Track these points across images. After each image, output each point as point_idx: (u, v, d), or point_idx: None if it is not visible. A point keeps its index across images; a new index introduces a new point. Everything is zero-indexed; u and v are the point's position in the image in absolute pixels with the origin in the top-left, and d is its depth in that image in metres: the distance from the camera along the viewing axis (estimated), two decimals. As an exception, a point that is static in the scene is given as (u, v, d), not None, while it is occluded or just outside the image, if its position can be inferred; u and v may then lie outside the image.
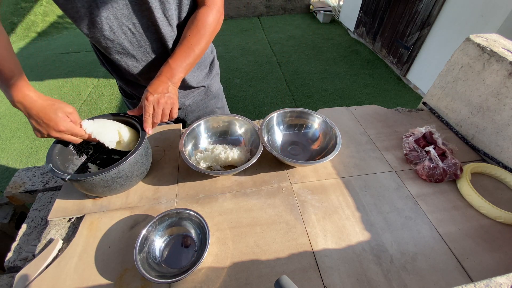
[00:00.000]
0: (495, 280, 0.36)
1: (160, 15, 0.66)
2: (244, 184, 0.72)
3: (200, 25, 0.68)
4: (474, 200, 0.68)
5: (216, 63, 0.95)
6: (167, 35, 0.70)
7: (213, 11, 0.70)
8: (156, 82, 0.65)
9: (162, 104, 0.64)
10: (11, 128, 2.52)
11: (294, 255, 0.58)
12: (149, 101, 0.63)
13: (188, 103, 0.93)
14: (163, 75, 0.66)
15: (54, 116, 0.57)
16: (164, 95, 0.64)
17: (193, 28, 0.68)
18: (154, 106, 0.64)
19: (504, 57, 0.75)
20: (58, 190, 0.79)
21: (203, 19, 0.69)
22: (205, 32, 0.69)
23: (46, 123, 0.57)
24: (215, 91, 0.99)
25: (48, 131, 0.58)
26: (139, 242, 0.55)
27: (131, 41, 0.68)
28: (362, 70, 3.45)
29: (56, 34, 4.37)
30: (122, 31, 0.66)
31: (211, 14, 0.69)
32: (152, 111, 0.64)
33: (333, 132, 0.78)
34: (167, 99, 0.65)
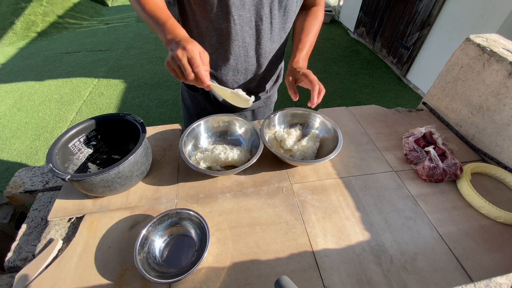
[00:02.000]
0: (495, 280, 0.36)
1: (267, 11, 0.70)
2: (244, 184, 0.72)
3: (316, 20, 0.81)
4: (474, 200, 0.68)
5: (282, 75, 0.98)
6: (264, 34, 0.74)
7: (322, 9, 0.84)
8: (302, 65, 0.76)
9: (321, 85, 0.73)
10: (11, 128, 2.52)
11: (294, 255, 0.58)
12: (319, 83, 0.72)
13: (249, 107, 0.95)
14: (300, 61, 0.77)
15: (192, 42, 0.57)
16: None
17: (311, 21, 0.81)
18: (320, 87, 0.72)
19: (504, 57, 0.75)
20: (58, 190, 0.79)
21: (317, 15, 0.82)
22: (319, 26, 0.83)
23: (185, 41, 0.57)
24: (273, 101, 1.04)
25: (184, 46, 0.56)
26: (139, 242, 0.55)
27: (230, 31, 0.71)
28: (362, 70, 3.45)
29: (56, 34, 4.37)
30: (228, 19, 0.69)
31: (321, 11, 0.84)
32: None
33: (334, 132, 0.78)
34: None
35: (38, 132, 2.48)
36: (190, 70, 0.56)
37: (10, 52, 3.76)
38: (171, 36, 0.58)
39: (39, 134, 2.47)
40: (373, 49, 3.83)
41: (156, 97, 2.92)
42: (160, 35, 0.61)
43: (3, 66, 3.43)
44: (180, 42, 0.56)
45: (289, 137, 0.81)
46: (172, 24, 0.61)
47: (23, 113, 2.69)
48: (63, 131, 2.41)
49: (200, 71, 0.56)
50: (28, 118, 2.63)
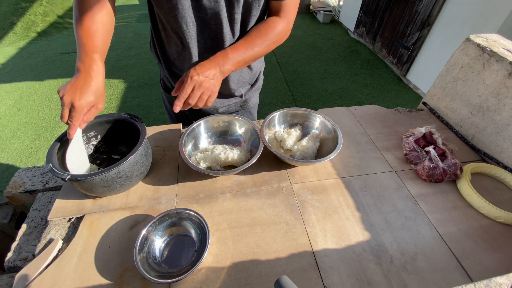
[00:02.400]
0: (495, 280, 0.36)
1: (225, 15, 0.67)
2: (244, 184, 0.72)
3: (268, 30, 0.70)
4: (474, 200, 0.68)
5: (261, 78, 0.96)
6: (226, 37, 0.71)
7: (284, 22, 0.71)
8: (207, 64, 0.64)
9: (203, 88, 0.63)
10: (11, 128, 2.52)
11: (294, 255, 0.58)
12: (193, 81, 0.62)
13: (221, 110, 0.92)
14: (216, 60, 0.65)
15: (86, 95, 0.57)
16: (209, 80, 0.63)
17: (261, 29, 0.70)
18: (195, 87, 0.62)
19: (504, 57, 0.75)
20: (58, 190, 0.79)
21: (274, 26, 0.70)
22: (270, 38, 0.70)
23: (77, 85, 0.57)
24: (251, 105, 0.99)
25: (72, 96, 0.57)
26: (139, 242, 0.55)
27: (190, 33, 0.69)
28: (362, 70, 3.45)
29: (56, 34, 4.37)
30: (185, 22, 0.66)
31: (281, 23, 0.71)
32: (190, 91, 0.62)
33: (334, 132, 0.78)
34: (209, 84, 0.63)
35: (38, 132, 2.48)
36: (65, 118, 0.58)
37: (10, 52, 3.76)
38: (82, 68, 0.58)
39: (39, 134, 2.47)
40: (373, 49, 3.83)
41: (156, 97, 2.92)
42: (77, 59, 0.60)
43: (3, 66, 3.43)
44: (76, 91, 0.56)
45: (289, 137, 0.81)
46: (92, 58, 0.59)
47: (23, 113, 2.69)
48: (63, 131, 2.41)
49: (71, 126, 0.58)
50: (28, 118, 2.63)
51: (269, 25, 0.70)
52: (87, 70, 0.58)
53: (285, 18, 0.71)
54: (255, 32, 0.69)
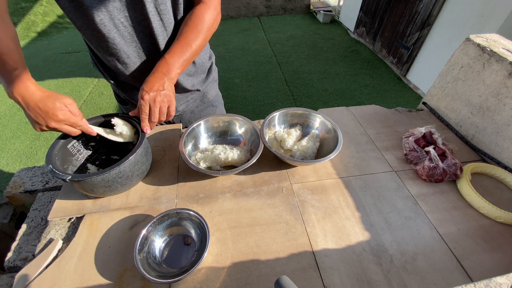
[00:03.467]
0: (495, 280, 0.36)
1: (152, 8, 0.65)
2: (244, 184, 0.72)
3: (197, 21, 0.68)
4: (474, 200, 0.68)
5: (214, 69, 0.94)
6: (158, 30, 0.69)
7: (210, 8, 0.69)
8: (152, 79, 0.63)
9: (158, 102, 0.63)
10: (11, 128, 2.52)
11: (294, 255, 0.58)
12: (145, 100, 0.62)
13: (181, 108, 0.91)
14: (159, 71, 0.64)
15: (52, 106, 0.56)
16: (160, 93, 0.63)
17: (190, 24, 0.68)
18: (151, 105, 0.63)
19: (504, 57, 0.75)
20: (58, 190, 0.79)
21: (200, 16, 0.68)
22: (202, 28, 0.68)
23: (44, 112, 0.56)
24: (212, 98, 0.97)
25: (46, 122, 0.56)
26: (139, 242, 0.55)
27: (122, 35, 0.67)
28: (362, 70, 3.45)
29: (56, 34, 4.37)
30: (114, 24, 0.64)
31: (208, 11, 0.69)
32: (148, 110, 0.63)
33: (334, 132, 0.78)
34: (163, 96, 0.63)
35: (38, 132, 2.48)
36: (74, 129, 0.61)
37: (10, 52, 3.76)
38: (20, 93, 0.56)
39: (39, 134, 2.47)
40: (373, 49, 3.83)
41: (156, 97, 2.92)
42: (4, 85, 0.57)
43: (3, 66, 3.42)
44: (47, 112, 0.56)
45: (289, 137, 0.81)
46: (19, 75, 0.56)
47: (23, 113, 2.68)
48: (63, 131, 2.41)
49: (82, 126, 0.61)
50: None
51: (196, 16, 0.68)
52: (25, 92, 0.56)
53: (210, 3, 0.69)
54: (186, 28, 0.68)
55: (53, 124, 0.57)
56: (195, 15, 0.68)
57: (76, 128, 0.61)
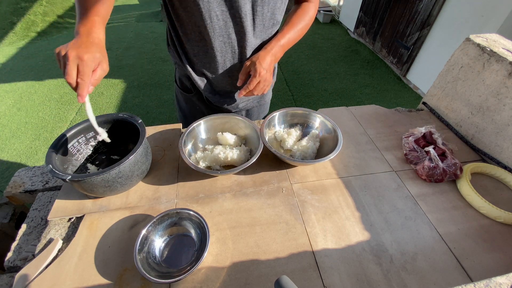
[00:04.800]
0: (495, 280, 0.36)
1: (249, 8, 0.69)
2: (244, 184, 0.72)
3: (304, 13, 0.79)
4: (474, 200, 0.68)
5: (276, 73, 0.97)
6: (247, 29, 0.73)
7: (313, 6, 0.80)
8: (266, 55, 0.72)
9: (267, 81, 0.72)
10: (11, 128, 2.52)
11: (294, 255, 0.58)
12: (261, 76, 0.70)
13: (241, 106, 0.94)
14: (273, 50, 0.73)
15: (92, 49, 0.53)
16: (272, 73, 0.73)
17: (299, 13, 0.78)
18: (261, 81, 0.71)
19: (504, 57, 0.75)
20: (58, 190, 0.79)
21: (307, 10, 0.79)
22: (306, 20, 0.79)
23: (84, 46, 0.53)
24: (267, 99, 1.01)
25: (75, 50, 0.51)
26: (139, 242, 0.55)
27: (213, 27, 0.70)
28: (362, 70, 3.45)
29: (56, 34, 4.37)
30: (209, 16, 0.68)
31: (313, 8, 0.80)
32: (257, 83, 0.71)
33: (334, 132, 0.78)
34: (271, 78, 0.73)
35: (38, 132, 2.48)
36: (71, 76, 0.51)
37: (10, 52, 3.76)
38: (83, 29, 0.56)
39: (39, 134, 2.47)
40: (373, 49, 3.83)
41: (156, 97, 2.92)
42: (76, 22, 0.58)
43: (3, 66, 3.43)
44: (82, 46, 0.52)
45: (289, 137, 0.81)
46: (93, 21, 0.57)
47: (23, 113, 2.69)
48: (63, 131, 2.41)
49: (81, 83, 0.52)
50: (28, 118, 2.63)
51: (304, 10, 0.79)
52: (89, 31, 0.56)
53: (313, 2, 0.80)
54: (295, 17, 0.77)
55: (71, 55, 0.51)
56: (304, 9, 0.79)
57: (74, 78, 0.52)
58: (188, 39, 0.76)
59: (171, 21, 0.76)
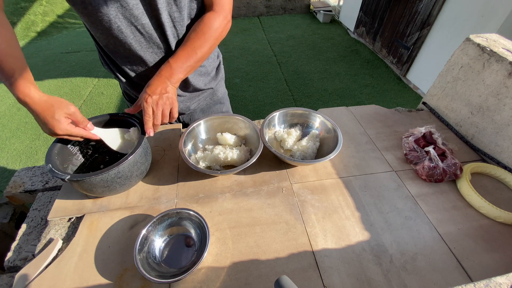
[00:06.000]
0: (495, 280, 0.36)
1: (166, 16, 0.66)
2: (244, 184, 0.72)
3: (205, 28, 0.68)
4: (474, 200, 0.68)
5: (222, 68, 0.95)
6: (171, 37, 0.70)
7: (220, 16, 0.69)
8: (155, 82, 0.64)
9: (160, 105, 0.63)
10: (10, 128, 2.52)
11: (294, 255, 0.58)
12: (148, 103, 0.62)
13: (193, 107, 0.92)
14: (162, 75, 0.65)
15: (51, 120, 0.56)
16: (163, 96, 0.63)
17: (198, 31, 0.68)
18: (153, 108, 0.63)
19: (504, 57, 0.75)
20: (57, 190, 0.79)
21: (209, 23, 0.68)
22: (210, 36, 0.68)
23: (45, 124, 0.57)
24: (221, 96, 0.99)
25: (49, 131, 0.58)
26: (139, 242, 0.55)
27: (139, 41, 0.68)
28: (362, 70, 3.45)
29: (56, 34, 4.37)
30: (131, 31, 0.65)
31: (218, 19, 0.69)
32: (151, 112, 0.63)
33: (334, 132, 0.78)
34: (166, 99, 0.64)
35: (38, 132, 2.48)
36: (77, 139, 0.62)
37: (10, 51, 3.75)
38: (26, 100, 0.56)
39: (38, 134, 2.47)
40: (373, 49, 3.83)
41: (156, 97, 2.92)
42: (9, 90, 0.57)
43: (3, 66, 3.42)
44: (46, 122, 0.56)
45: (289, 137, 0.81)
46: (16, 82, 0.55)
47: (23, 113, 2.69)
48: (63, 131, 2.41)
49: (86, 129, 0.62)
50: (28, 118, 2.63)
51: (205, 23, 0.68)
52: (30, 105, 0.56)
53: (220, 11, 0.69)
54: (193, 34, 0.68)
55: (57, 134, 0.58)
56: (204, 22, 0.68)
57: (77, 137, 0.62)
58: (116, 56, 0.73)
59: (96, 42, 0.73)
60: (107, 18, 0.61)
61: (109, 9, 0.60)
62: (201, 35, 0.68)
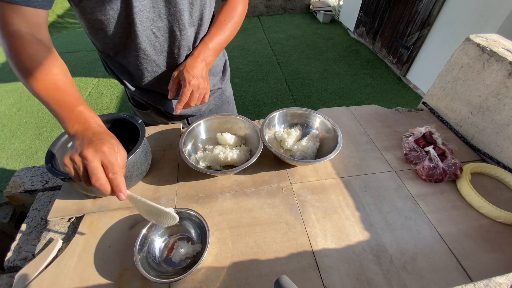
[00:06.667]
0: (495, 280, 0.36)
1: (188, 17, 0.66)
2: (244, 184, 0.72)
3: (233, 11, 0.73)
4: (474, 200, 0.68)
5: (228, 67, 0.95)
6: (189, 38, 0.70)
7: (243, 1, 0.76)
8: (195, 63, 0.66)
9: (201, 89, 0.66)
10: (10, 128, 2.52)
11: (293, 255, 0.58)
12: (191, 85, 0.64)
13: (204, 109, 0.91)
14: (201, 55, 0.67)
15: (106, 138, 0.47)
16: (204, 80, 0.66)
17: (227, 13, 0.73)
18: (194, 90, 0.65)
19: (504, 57, 0.75)
20: (57, 189, 0.79)
21: (236, 7, 0.74)
22: (236, 18, 0.74)
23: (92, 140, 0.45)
24: (228, 95, 0.99)
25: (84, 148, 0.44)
26: (139, 241, 0.55)
27: (153, 45, 0.67)
28: (362, 70, 3.45)
29: (56, 34, 4.36)
30: (146, 35, 0.64)
31: (241, 3, 0.75)
32: (190, 94, 0.65)
33: (334, 132, 0.78)
34: (206, 84, 0.67)
35: (38, 132, 2.48)
36: (101, 177, 0.43)
37: (10, 51, 3.75)
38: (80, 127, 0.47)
39: (39, 133, 2.47)
40: (373, 49, 3.83)
41: (156, 97, 2.92)
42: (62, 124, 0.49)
43: (3, 66, 3.43)
44: (93, 140, 0.44)
45: (289, 137, 0.81)
46: (82, 112, 0.49)
47: (23, 113, 2.69)
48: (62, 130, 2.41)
49: (117, 178, 0.44)
50: (28, 118, 2.63)
51: (231, 6, 0.74)
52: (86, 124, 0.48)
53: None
54: (222, 16, 0.72)
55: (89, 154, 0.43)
56: (230, 6, 0.74)
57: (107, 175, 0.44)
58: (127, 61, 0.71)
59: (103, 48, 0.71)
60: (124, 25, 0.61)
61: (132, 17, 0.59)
62: (230, 17, 0.73)
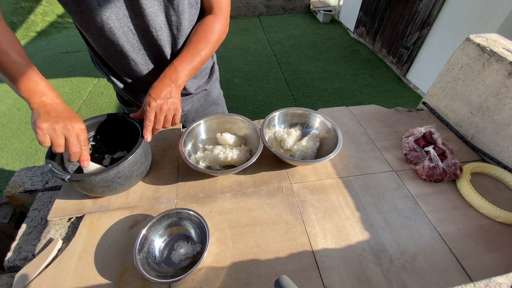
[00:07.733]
0: (495, 280, 0.36)
1: (163, 19, 0.65)
2: (244, 184, 0.72)
3: (208, 31, 0.69)
4: (474, 200, 0.68)
5: (216, 69, 0.95)
6: (166, 40, 0.69)
7: (220, 19, 0.70)
8: (159, 85, 0.63)
9: (165, 110, 0.62)
10: (10, 128, 2.52)
11: (293, 255, 0.58)
12: (151, 107, 0.61)
13: (187, 108, 0.91)
14: (167, 77, 0.64)
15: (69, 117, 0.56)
16: (167, 100, 0.62)
17: (200, 33, 0.68)
18: (157, 113, 0.62)
19: (504, 57, 0.75)
20: (57, 189, 0.79)
21: (211, 26, 0.69)
22: (212, 38, 0.69)
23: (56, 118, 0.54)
24: (215, 97, 0.98)
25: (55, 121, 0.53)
26: (139, 242, 0.55)
27: (131, 42, 0.67)
28: (362, 70, 3.45)
29: (56, 34, 4.37)
30: (123, 32, 0.64)
31: (218, 22, 0.70)
32: (153, 117, 0.62)
33: (334, 131, 0.78)
34: (170, 104, 0.62)
35: (38, 132, 2.48)
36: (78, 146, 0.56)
37: (10, 51, 3.75)
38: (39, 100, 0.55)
39: (39, 133, 2.46)
40: (373, 49, 3.83)
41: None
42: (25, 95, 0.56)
43: (3, 66, 3.42)
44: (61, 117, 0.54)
45: (289, 137, 0.81)
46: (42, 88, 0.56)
47: (23, 113, 2.69)
48: (63, 130, 2.40)
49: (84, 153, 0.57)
50: (28, 118, 2.63)
51: (206, 26, 0.69)
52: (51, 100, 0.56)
53: (220, 15, 0.70)
54: (195, 37, 0.68)
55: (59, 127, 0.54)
56: (206, 24, 0.69)
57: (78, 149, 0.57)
58: (108, 58, 0.71)
59: (88, 43, 0.71)
60: (99, 19, 0.60)
61: (102, 10, 0.59)
62: (204, 37, 0.68)
